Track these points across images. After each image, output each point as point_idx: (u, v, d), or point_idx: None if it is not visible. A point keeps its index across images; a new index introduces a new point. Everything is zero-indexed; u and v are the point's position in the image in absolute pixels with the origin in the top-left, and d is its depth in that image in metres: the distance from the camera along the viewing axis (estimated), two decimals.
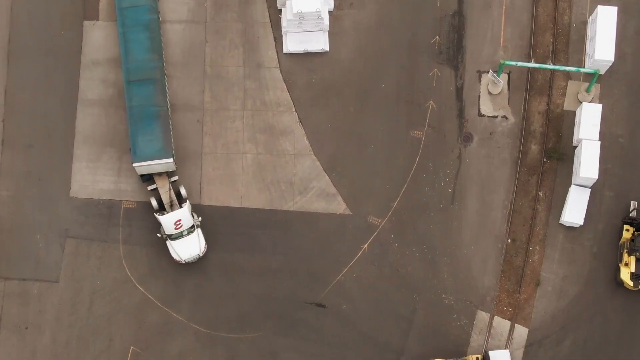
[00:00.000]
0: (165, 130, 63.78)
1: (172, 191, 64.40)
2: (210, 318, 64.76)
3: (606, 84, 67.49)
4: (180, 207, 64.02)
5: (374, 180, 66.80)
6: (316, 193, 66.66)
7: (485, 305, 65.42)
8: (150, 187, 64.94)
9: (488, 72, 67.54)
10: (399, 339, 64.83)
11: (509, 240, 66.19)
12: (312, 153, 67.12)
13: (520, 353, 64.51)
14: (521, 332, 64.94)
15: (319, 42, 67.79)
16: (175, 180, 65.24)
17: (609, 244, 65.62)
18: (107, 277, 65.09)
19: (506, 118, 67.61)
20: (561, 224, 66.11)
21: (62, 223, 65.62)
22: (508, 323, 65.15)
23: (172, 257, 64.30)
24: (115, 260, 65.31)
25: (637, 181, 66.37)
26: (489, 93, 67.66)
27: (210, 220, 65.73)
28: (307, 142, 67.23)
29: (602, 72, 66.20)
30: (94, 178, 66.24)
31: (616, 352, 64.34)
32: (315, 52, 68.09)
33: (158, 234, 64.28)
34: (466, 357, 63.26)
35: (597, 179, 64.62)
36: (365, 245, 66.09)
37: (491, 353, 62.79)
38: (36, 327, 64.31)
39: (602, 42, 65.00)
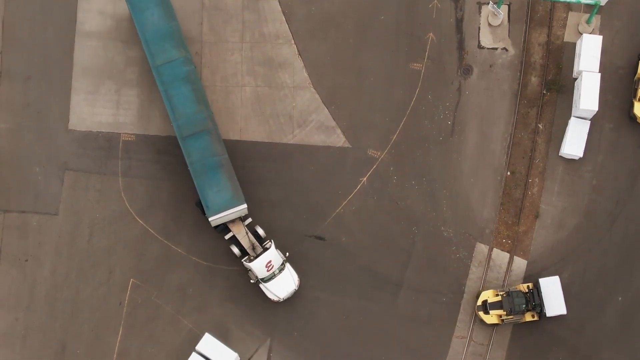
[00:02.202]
0: (231, 177, 61.88)
1: (249, 234, 63.25)
2: (210, 251, 64.83)
3: (606, 15, 67.05)
4: (262, 247, 63.11)
5: (373, 113, 66.58)
6: (315, 126, 66.48)
7: (484, 237, 65.50)
8: (227, 236, 63.61)
9: (488, 3, 67.08)
10: (398, 271, 65.00)
11: (508, 173, 66.14)
12: (311, 86, 66.83)
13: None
14: (520, 264, 65.11)
15: None
16: (249, 222, 63.95)
17: (608, 176, 65.62)
18: (107, 209, 65.06)
19: (506, 50, 67.27)
20: (561, 156, 66.07)
21: (60, 156, 65.46)
22: (507, 255, 65.29)
23: (268, 297, 63.48)
24: (115, 193, 65.26)
25: None
26: (489, 25, 67.25)
27: None
28: (306, 74, 66.90)
29: (602, 3, 65.50)
30: (92, 110, 66.00)
31: (614, 284, 64.57)
32: None
33: (251, 281, 63.19)
34: (517, 286, 63.57)
35: (597, 111, 64.55)
36: (365, 178, 66.04)
37: (541, 280, 62.93)
38: (36, 259, 64.40)
39: None
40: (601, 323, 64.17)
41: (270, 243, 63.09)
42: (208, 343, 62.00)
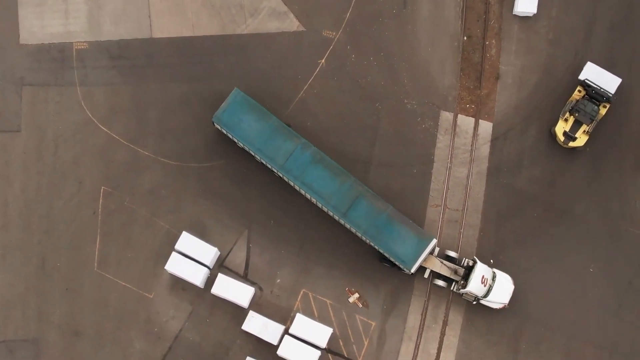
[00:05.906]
0: (406, 223, 60.69)
1: (444, 261, 62.21)
2: (177, 150, 64.70)
3: None
4: (463, 266, 62.31)
5: None
6: (267, 13, 65.97)
7: (448, 105, 65.59)
8: (426, 275, 62.62)
9: None
10: (366, 149, 65.15)
11: (465, 38, 65.99)
12: None
13: (486, 148, 65.03)
14: (486, 127, 65.33)
15: None
16: (437, 250, 63.04)
17: (564, 29, 65.58)
18: (69, 120, 64.68)
19: None
20: (515, 15, 65.94)
21: (16, 72, 64.87)
22: (472, 120, 65.45)
23: (493, 308, 62.74)
24: (75, 103, 64.83)
25: None
26: None
27: (164, 52, 65.16)
28: None
29: None
30: (41, 23, 65.25)
31: None
32: None
33: (473, 302, 62.50)
34: (571, 98, 63.90)
35: None
36: (323, 60, 65.81)
37: (584, 74, 63.45)
38: (4, 178, 64.11)
39: None
40: (571, 175, 64.70)
41: (470, 260, 62.47)
42: (187, 241, 62.25)
